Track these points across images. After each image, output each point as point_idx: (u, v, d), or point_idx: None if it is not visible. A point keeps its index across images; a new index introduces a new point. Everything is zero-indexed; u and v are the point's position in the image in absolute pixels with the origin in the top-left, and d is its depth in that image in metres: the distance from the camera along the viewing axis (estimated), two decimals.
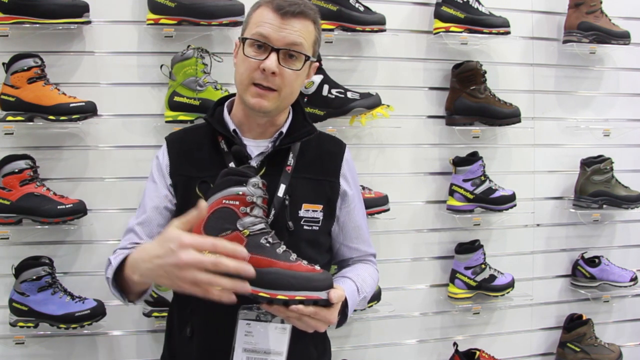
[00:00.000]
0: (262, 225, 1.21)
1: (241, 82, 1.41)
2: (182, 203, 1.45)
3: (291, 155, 1.47)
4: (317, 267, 1.21)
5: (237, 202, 1.19)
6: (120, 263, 1.31)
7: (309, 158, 1.50)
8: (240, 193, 1.19)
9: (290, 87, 1.40)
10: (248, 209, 1.19)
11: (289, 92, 1.41)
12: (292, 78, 1.39)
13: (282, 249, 1.20)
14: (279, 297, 1.15)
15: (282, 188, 1.42)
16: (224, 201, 1.19)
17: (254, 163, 1.45)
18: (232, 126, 1.47)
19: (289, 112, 1.53)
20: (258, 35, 1.36)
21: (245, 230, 1.18)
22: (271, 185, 1.40)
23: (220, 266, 1.06)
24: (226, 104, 1.53)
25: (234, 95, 1.53)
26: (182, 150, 1.51)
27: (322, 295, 1.18)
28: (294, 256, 1.20)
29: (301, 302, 1.15)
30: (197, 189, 1.39)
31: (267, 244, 1.19)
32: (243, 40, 1.39)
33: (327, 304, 1.19)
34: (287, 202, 1.41)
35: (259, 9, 1.40)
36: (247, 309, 1.32)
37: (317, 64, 1.46)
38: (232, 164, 1.43)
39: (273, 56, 1.35)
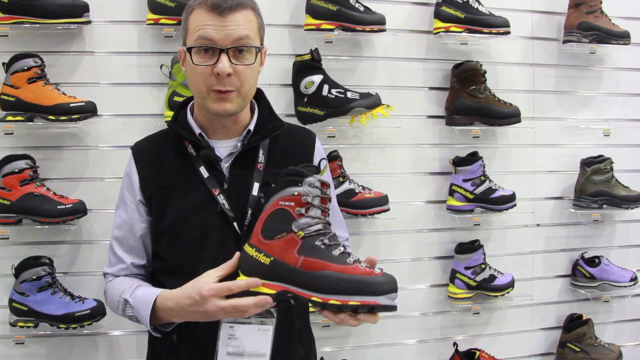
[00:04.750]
0: (318, 227, 1.16)
1: (199, 91, 1.38)
2: (159, 213, 1.44)
3: (261, 152, 1.46)
4: (377, 270, 1.13)
5: (293, 203, 1.16)
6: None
7: (279, 153, 1.48)
8: (296, 193, 1.16)
9: (249, 83, 1.39)
10: (303, 210, 1.16)
11: (248, 87, 1.39)
12: (247, 73, 1.37)
13: (339, 250, 1.14)
14: (332, 302, 1.09)
15: (256, 186, 1.41)
16: (280, 202, 1.17)
17: (224, 164, 1.44)
18: (197, 130, 1.45)
19: (255, 109, 1.51)
20: (202, 40, 1.32)
21: (300, 232, 1.15)
22: (244, 185, 1.40)
23: (240, 308, 1.19)
24: (189, 106, 1.50)
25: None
26: (150, 159, 1.48)
27: (380, 300, 1.08)
28: (351, 258, 1.14)
29: (356, 307, 1.08)
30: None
31: (322, 246, 1.14)
32: (188, 49, 1.34)
33: (385, 310, 1.10)
34: (262, 200, 1.37)
35: (193, 12, 1.35)
36: None
37: (267, 48, 1.44)
38: (202, 168, 1.41)
39: (224, 58, 1.31)
